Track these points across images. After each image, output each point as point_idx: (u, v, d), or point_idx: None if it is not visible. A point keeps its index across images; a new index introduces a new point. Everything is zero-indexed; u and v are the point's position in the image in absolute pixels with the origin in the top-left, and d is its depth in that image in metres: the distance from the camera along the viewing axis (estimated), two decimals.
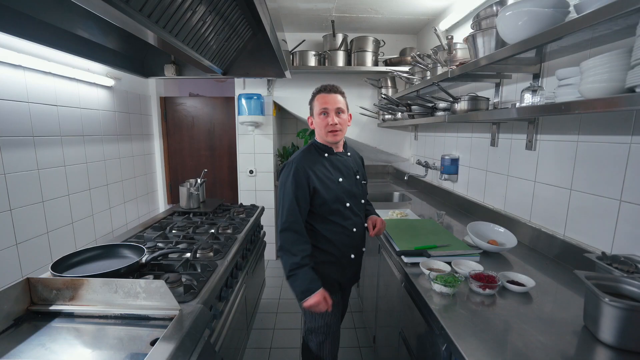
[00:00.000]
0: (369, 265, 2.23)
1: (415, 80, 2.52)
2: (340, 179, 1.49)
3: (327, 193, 1.45)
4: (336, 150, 1.55)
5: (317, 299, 1.34)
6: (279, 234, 1.40)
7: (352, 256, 1.55)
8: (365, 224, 1.63)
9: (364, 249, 1.64)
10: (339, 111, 1.47)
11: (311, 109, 1.53)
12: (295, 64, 3.21)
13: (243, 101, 3.35)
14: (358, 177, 1.59)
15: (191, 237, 1.86)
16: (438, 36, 1.90)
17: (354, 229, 1.53)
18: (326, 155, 1.52)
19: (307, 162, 1.46)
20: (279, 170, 1.48)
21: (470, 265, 1.36)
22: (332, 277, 1.52)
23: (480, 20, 1.52)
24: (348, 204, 1.50)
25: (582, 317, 1.00)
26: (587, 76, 1.00)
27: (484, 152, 2.12)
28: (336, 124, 1.45)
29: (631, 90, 0.85)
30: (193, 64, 1.94)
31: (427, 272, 1.29)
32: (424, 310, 1.18)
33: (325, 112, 1.46)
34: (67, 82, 2.12)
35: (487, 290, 1.16)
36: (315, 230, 1.49)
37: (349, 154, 1.62)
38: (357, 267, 1.64)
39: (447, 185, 2.66)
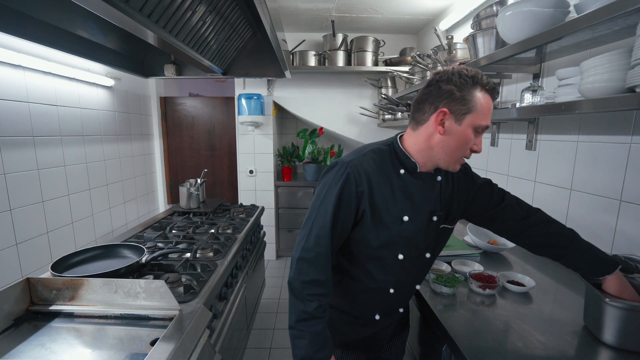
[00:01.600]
0: None
1: (415, 80, 2.52)
2: (406, 218, 0.94)
3: (376, 234, 0.93)
4: (421, 169, 0.95)
5: None
6: (295, 259, 0.92)
7: (377, 317, 1.05)
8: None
9: (401, 310, 1.09)
10: None
11: (462, 108, 0.85)
12: (295, 64, 3.21)
13: (243, 101, 3.35)
14: (436, 218, 0.98)
15: (191, 237, 1.86)
16: (438, 36, 1.90)
17: (391, 290, 1.01)
18: (402, 172, 0.95)
19: (371, 170, 0.92)
20: (326, 169, 0.96)
21: (470, 265, 1.36)
22: (342, 329, 1.07)
23: (480, 20, 1.52)
24: (401, 256, 0.96)
25: (582, 317, 1.00)
26: (587, 76, 1.00)
27: (484, 152, 2.12)
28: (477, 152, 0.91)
29: (631, 90, 0.85)
30: (193, 64, 1.94)
31: None
32: (423, 310, 1.18)
33: (483, 130, 0.88)
34: (67, 82, 2.12)
35: (487, 290, 1.16)
36: (342, 268, 1.02)
37: (439, 178, 0.99)
38: (388, 328, 1.09)
39: None
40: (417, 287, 1.07)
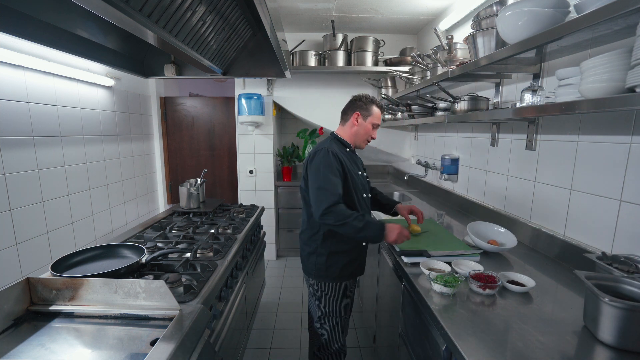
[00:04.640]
0: (369, 265, 2.22)
1: (415, 80, 2.52)
2: (359, 172, 1.66)
3: (353, 181, 1.58)
4: (352, 148, 1.73)
5: (396, 229, 1.46)
6: (328, 210, 1.41)
7: (364, 244, 1.68)
8: (398, 216, 1.83)
9: None
10: None
11: (366, 113, 1.64)
12: (295, 64, 3.21)
13: (243, 101, 3.35)
14: (365, 174, 1.76)
15: (191, 237, 1.86)
16: (438, 36, 1.90)
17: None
18: (347, 150, 1.68)
19: (337, 150, 1.57)
20: (310, 156, 1.58)
21: (470, 265, 1.36)
22: (346, 266, 1.62)
23: (480, 20, 1.52)
24: (364, 195, 1.66)
25: (582, 317, 1.00)
26: (587, 76, 1.00)
27: (484, 152, 2.12)
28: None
29: (631, 90, 0.85)
30: (193, 64, 1.94)
31: (427, 272, 1.29)
32: (424, 310, 1.18)
33: (376, 127, 1.69)
34: (67, 82, 2.12)
35: (487, 290, 1.16)
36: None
37: (357, 152, 1.79)
38: (365, 256, 1.76)
39: (447, 185, 2.66)
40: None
